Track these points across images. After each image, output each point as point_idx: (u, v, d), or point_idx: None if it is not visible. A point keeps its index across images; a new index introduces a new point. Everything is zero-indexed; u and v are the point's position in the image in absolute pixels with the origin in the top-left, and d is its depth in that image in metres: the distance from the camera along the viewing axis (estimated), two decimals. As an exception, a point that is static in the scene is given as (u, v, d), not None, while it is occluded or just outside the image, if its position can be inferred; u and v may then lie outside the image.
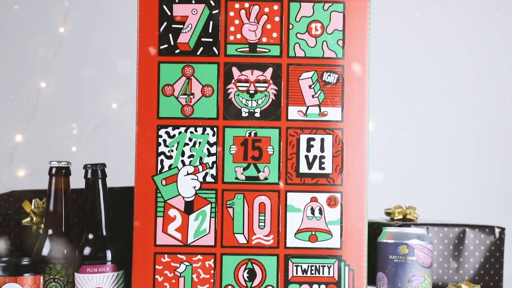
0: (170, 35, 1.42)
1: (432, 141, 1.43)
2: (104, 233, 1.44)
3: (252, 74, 1.42)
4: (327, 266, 1.40)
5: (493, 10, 1.50)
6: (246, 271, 1.41)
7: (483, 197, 1.66)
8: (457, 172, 1.52)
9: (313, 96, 1.42)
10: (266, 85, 1.42)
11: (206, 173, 1.41)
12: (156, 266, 1.41)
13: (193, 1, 1.42)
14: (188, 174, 1.41)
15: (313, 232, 1.41)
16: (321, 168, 1.41)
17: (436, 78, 1.43)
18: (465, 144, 1.48)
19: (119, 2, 1.41)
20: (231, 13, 1.42)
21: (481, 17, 1.51)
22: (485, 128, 1.43)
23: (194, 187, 1.41)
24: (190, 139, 1.42)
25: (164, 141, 1.41)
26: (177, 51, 1.42)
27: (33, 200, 1.53)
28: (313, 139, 1.42)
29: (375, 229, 1.53)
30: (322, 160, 1.41)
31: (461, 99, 1.35)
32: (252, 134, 1.42)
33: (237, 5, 1.42)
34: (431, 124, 1.41)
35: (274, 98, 1.42)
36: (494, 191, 1.60)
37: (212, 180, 1.41)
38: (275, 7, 1.42)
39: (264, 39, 1.42)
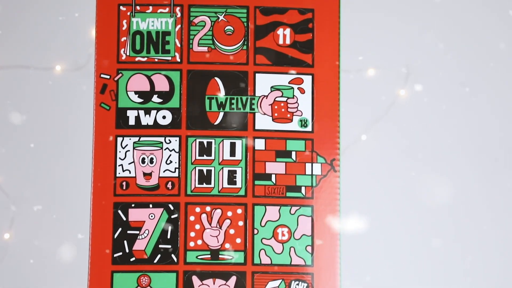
0: (125, 241, 1.32)
1: None
2: None
3: (214, 284, 1.33)
4: None
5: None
6: None
7: None
8: None
9: (281, 308, 1.32)
10: (229, 295, 1.32)
11: None
12: None
13: (151, 205, 1.33)
14: None
15: None
16: None
17: (412, 255, 1.34)
18: None
19: (72, 211, 1.32)
20: (192, 218, 1.34)
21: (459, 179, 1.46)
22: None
23: None
24: None
25: None
26: (133, 259, 1.32)
27: None
28: None
29: None
30: None
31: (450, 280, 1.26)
32: None
33: (198, 209, 1.34)
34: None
35: (238, 310, 1.31)
36: None
37: None
38: (239, 211, 1.34)
39: (227, 245, 1.33)
